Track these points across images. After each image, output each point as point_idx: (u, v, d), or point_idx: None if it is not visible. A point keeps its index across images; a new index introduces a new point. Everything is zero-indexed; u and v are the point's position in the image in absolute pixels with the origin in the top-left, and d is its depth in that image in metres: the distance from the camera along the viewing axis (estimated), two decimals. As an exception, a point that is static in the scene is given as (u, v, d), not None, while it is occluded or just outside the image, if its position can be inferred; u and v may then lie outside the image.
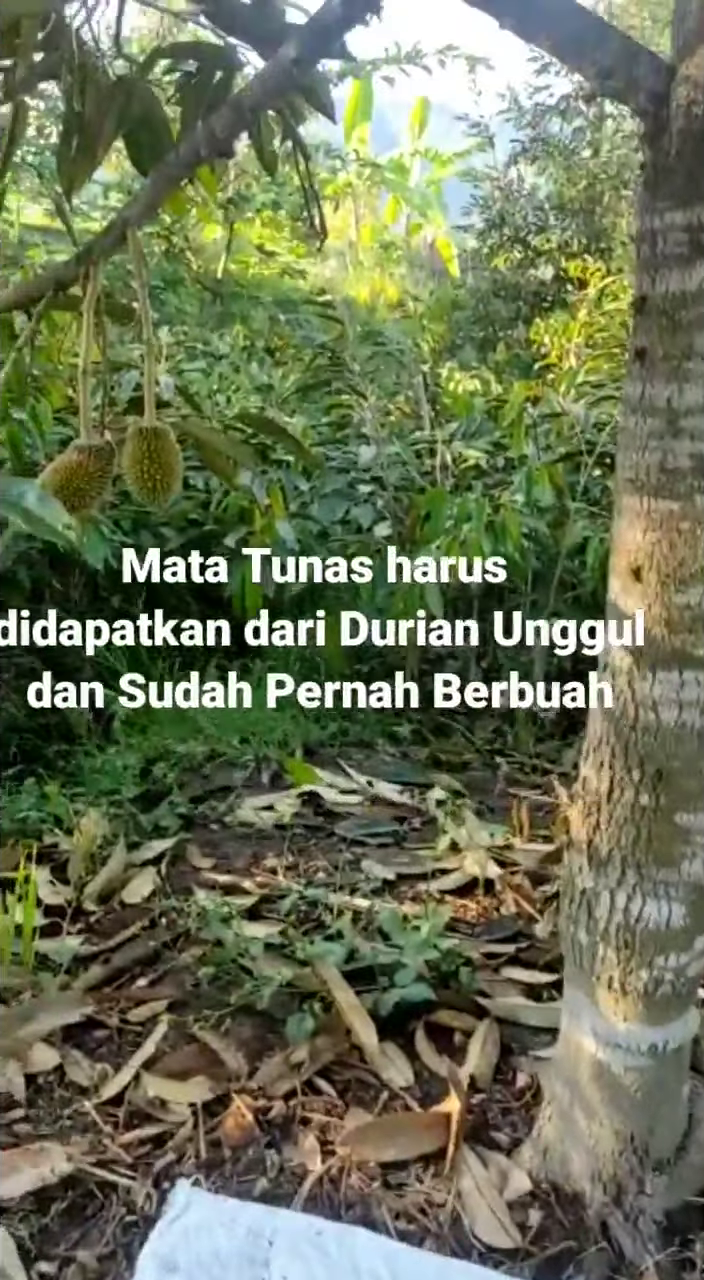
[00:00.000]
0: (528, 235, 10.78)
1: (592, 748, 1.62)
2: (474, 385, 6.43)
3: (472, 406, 5.54)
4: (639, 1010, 1.59)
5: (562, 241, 10.43)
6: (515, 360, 9.75)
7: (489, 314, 10.95)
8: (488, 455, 4.97)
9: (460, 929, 2.37)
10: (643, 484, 1.49)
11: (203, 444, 1.97)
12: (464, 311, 11.29)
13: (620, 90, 1.37)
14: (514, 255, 10.94)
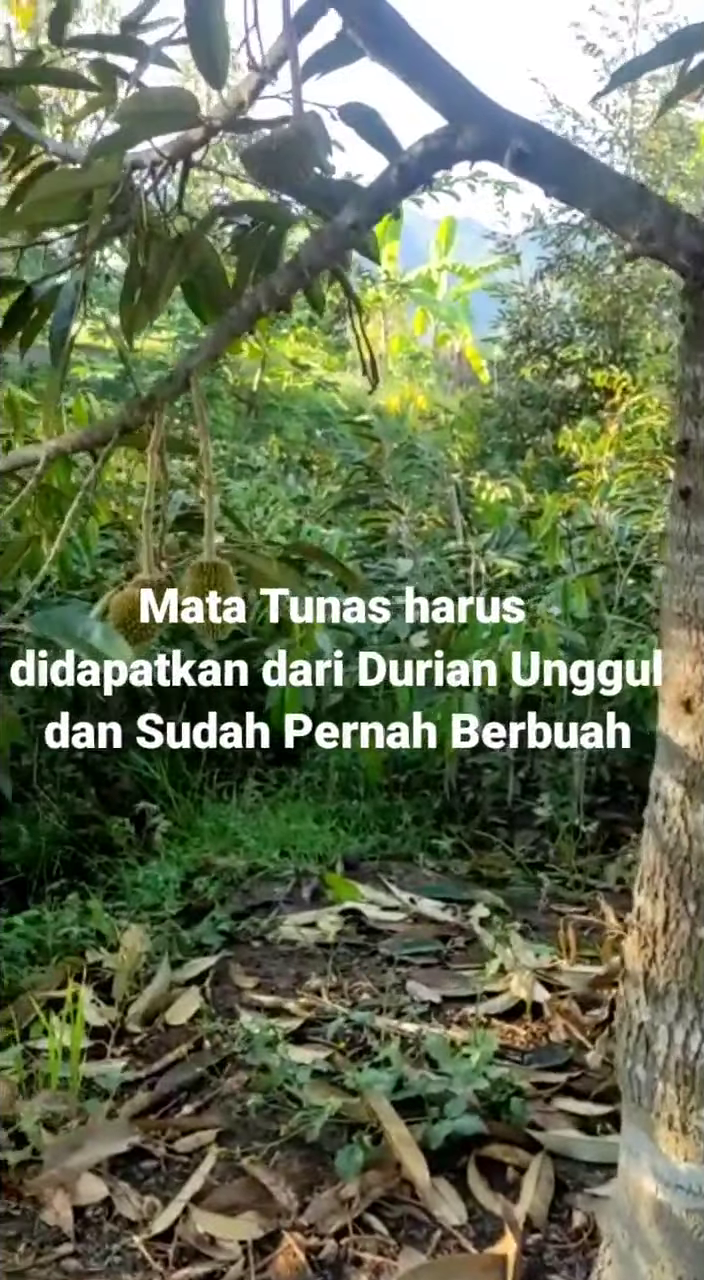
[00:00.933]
0: (554, 347, 11.07)
1: (646, 877, 1.62)
2: (505, 493, 6.56)
3: (504, 516, 5.64)
4: (700, 1150, 1.55)
5: (588, 353, 10.70)
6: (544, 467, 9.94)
7: (517, 422, 11.19)
8: (522, 565, 5.05)
9: (509, 1056, 2.33)
10: (690, 618, 1.52)
11: (256, 573, 2.03)
12: (493, 419, 11.55)
13: (661, 250, 1.45)
14: (541, 366, 11.22)
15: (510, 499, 6.27)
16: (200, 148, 1.84)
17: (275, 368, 11.23)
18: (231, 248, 2.13)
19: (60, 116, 2.10)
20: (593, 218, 1.47)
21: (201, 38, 1.49)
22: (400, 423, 12.20)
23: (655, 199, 1.47)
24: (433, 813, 4.15)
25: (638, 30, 10.57)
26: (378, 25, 1.30)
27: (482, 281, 15.95)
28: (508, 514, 5.64)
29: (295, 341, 11.28)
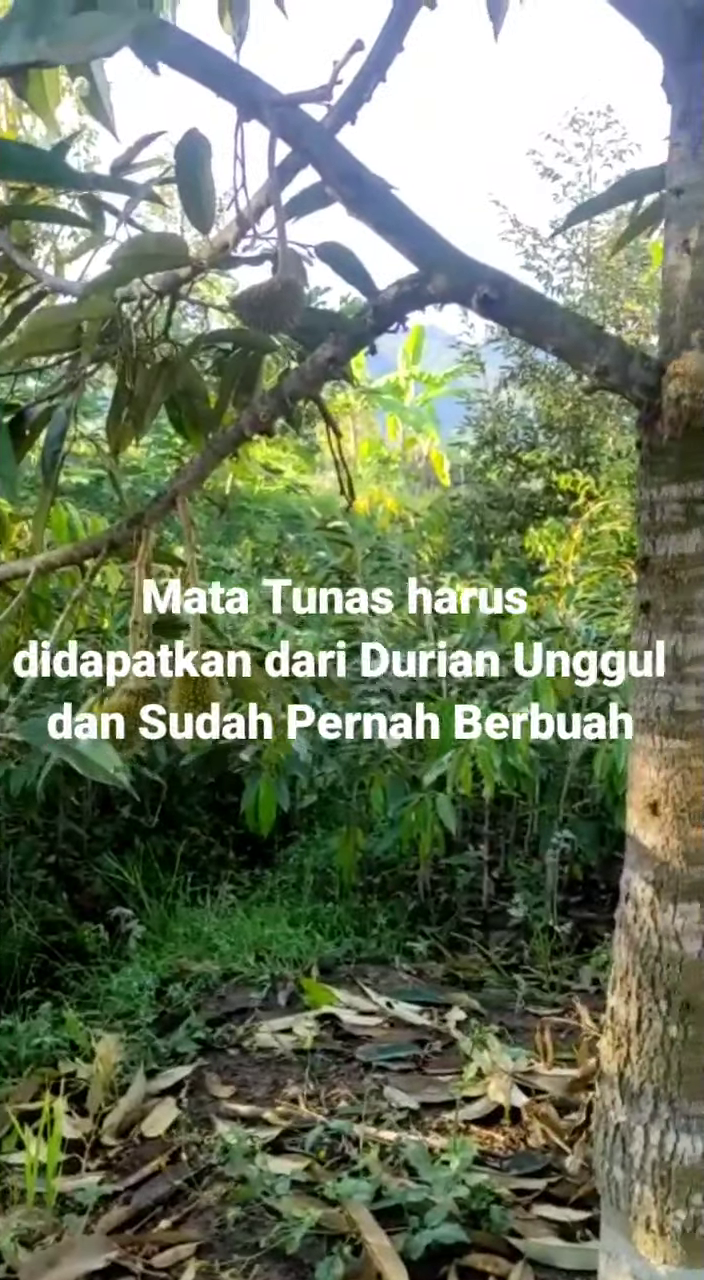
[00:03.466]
0: (519, 451, 11.39)
1: (618, 978, 1.66)
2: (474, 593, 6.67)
3: (473, 616, 5.75)
4: (679, 1252, 1.57)
5: (551, 457, 11.01)
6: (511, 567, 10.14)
7: (484, 523, 11.43)
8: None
9: (489, 1162, 2.32)
10: (654, 724, 1.60)
11: (236, 677, 2.10)
12: (461, 520, 11.80)
13: (617, 385, 1.56)
14: (506, 469, 11.52)
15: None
16: (186, 283, 1.97)
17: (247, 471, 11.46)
18: (213, 370, 2.25)
19: (52, 241, 2.21)
20: (554, 354, 1.59)
21: (191, 191, 1.62)
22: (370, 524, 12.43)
23: (612, 339, 1.60)
24: (407, 914, 4.15)
25: (592, 156, 11.17)
26: (355, 186, 1.42)
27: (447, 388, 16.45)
28: (477, 615, 5.75)
29: (267, 446, 11.53)
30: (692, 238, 1.50)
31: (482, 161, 68.37)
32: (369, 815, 4.40)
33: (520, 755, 4.00)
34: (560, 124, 11.11)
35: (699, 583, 1.54)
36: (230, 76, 1.36)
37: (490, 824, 4.60)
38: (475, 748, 3.96)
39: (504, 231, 10.93)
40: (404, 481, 18.74)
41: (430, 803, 3.97)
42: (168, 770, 4.48)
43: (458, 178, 65.46)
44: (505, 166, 14.11)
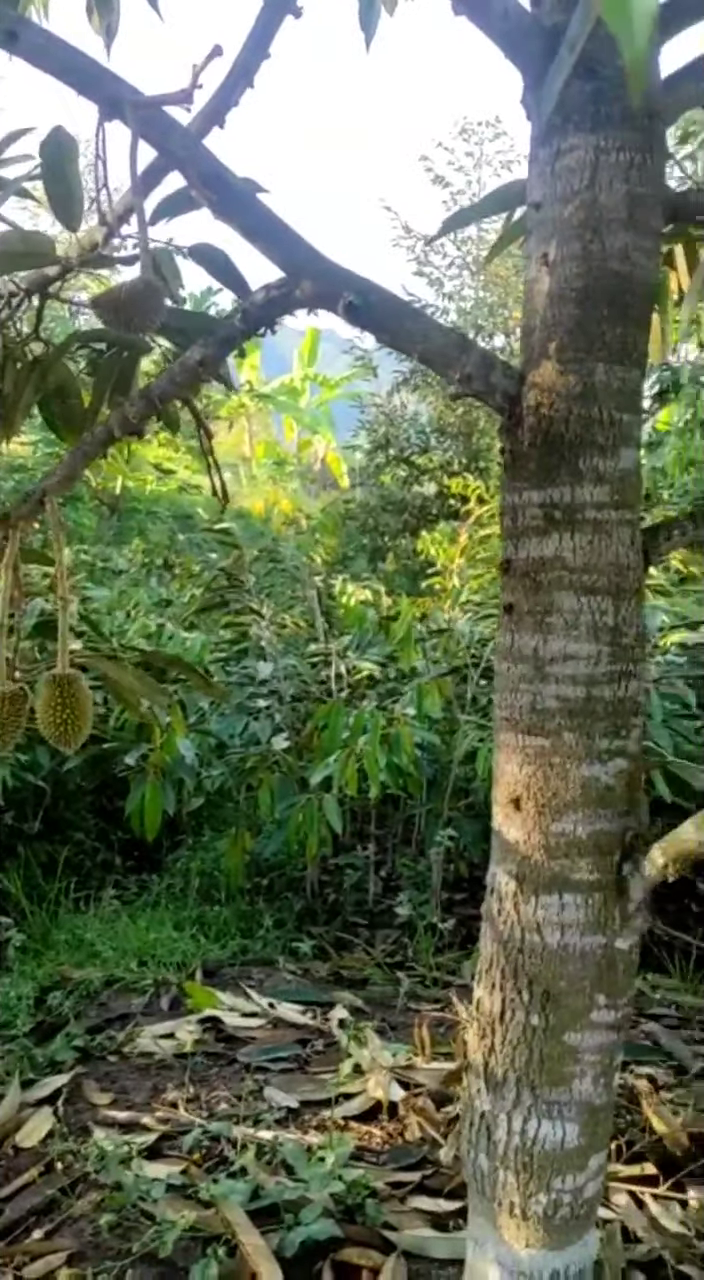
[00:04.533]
0: (412, 455, 11.52)
1: (484, 969, 1.70)
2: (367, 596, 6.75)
3: (364, 618, 5.81)
4: (540, 1235, 1.61)
5: (443, 461, 11.17)
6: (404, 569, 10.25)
7: (378, 526, 11.53)
8: (381, 667, 5.20)
9: (366, 1157, 2.34)
10: (517, 722, 1.64)
11: (112, 681, 2.08)
12: (355, 522, 11.88)
13: (480, 392, 1.61)
14: (399, 473, 11.64)
15: (371, 601, 6.47)
16: (56, 282, 1.94)
17: (139, 471, 11.33)
18: (87, 370, 2.23)
19: None
20: (420, 361, 1.62)
21: (57, 189, 1.60)
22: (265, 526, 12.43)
23: (476, 347, 1.64)
24: (294, 915, 4.17)
25: (482, 165, 11.38)
26: (219, 190, 1.43)
27: (342, 391, 16.54)
28: (368, 616, 5.82)
29: (158, 446, 11.41)
30: (550, 251, 1.55)
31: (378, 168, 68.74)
32: (257, 817, 4.40)
33: (405, 755, 4.05)
34: (451, 133, 11.29)
35: (558, 585, 1.59)
36: (91, 75, 1.36)
37: (378, 824, 4.65)
38: (362, 748, 4.00)
39: (396, 237, 11.04)
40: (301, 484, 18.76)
41: (317, 804, 3.99)
42: (51, 775, 4.41)
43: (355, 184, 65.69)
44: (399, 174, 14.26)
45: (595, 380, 1.53)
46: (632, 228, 1.51)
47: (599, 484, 1.56)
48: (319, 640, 5.56)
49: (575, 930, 1.61)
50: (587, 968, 1.61)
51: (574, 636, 1.59)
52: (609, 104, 1.48)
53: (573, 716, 1.59)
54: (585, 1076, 1.62)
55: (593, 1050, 1.62)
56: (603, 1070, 1.63)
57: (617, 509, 1.57)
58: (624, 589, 1.59)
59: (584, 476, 1.55)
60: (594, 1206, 1.67)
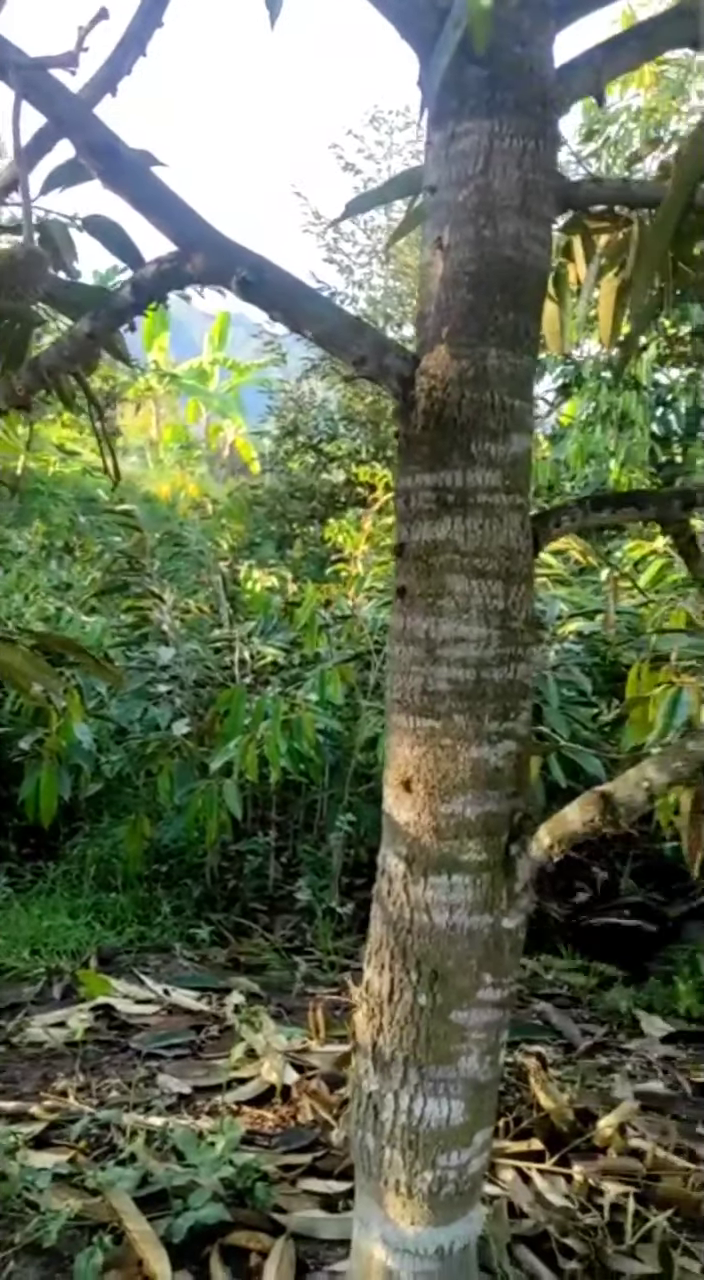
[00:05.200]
0: (320, 442, 11.50)
1: (373, 951, 1.71)
2: (273, 582, 6.73)
3: (269, 604, 5.79)
4: (425, 1212, 1.63)
5: (351, 449, 11.18)
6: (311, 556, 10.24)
7: (286, 512, 11.49)
8: (285, 653, 5.18)
9: (258, 1141, 2.34)
10: (409, 704, 1.65)
11: (2, 664, 2.03)
12: (263, 508, 11.82)
13: (374, 374, 1.60)
14: (308, 460, 11.62)
15: (277, 587, 6.45)
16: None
17: (42, 453, 11.07)
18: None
19: None
20: (314, 341, 1.61)
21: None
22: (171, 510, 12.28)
23: (370, 330, 1.63)
24: (193, 902, 4.14)
25: (392, 154, 11.39)
26: (109, 160, 1.40)
27: (252, 376, 16.43)
28: (273, 602, 5.80)
29: (62, 427, 11.17)
30: (444, 236, 1.55)
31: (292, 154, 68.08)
32: (157, 803, 4.35)
33: (307, 741, 4.05)
34: (362, 121, 11.28)
35: (450, 568, 1.60)
36: (-28, 32, 1.31)
37: (280, 810, 4.64)
38: (263, 734, 3.98)
39: (307, 223, 11.00)
40: (209, 468, 18.58)
41: (217, 790, 3.97)
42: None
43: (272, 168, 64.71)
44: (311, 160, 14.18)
45: (488, 365, 1.54)
46: (524, 215, 1.52)
47: (491, 469, 1.57)
48: (223, 625, 5.52)
49: (463, 910, 1.63)
50: (474, 947, 1.63)
51: (465, 620, 1.60)
52: (503, 91, 1.49)
53: (463, 699, 1.61)
54: (471, 1054, 1.64)
55: (479, 1028, 1.65)
56: (489, 1048, 1.66)
57: (508, 494, 1.59)
58: (514, 573, 1.61)
59: (476, 461, 1.57)
60: (478, 1182, 1.70)
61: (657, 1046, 3.03)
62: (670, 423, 8.00)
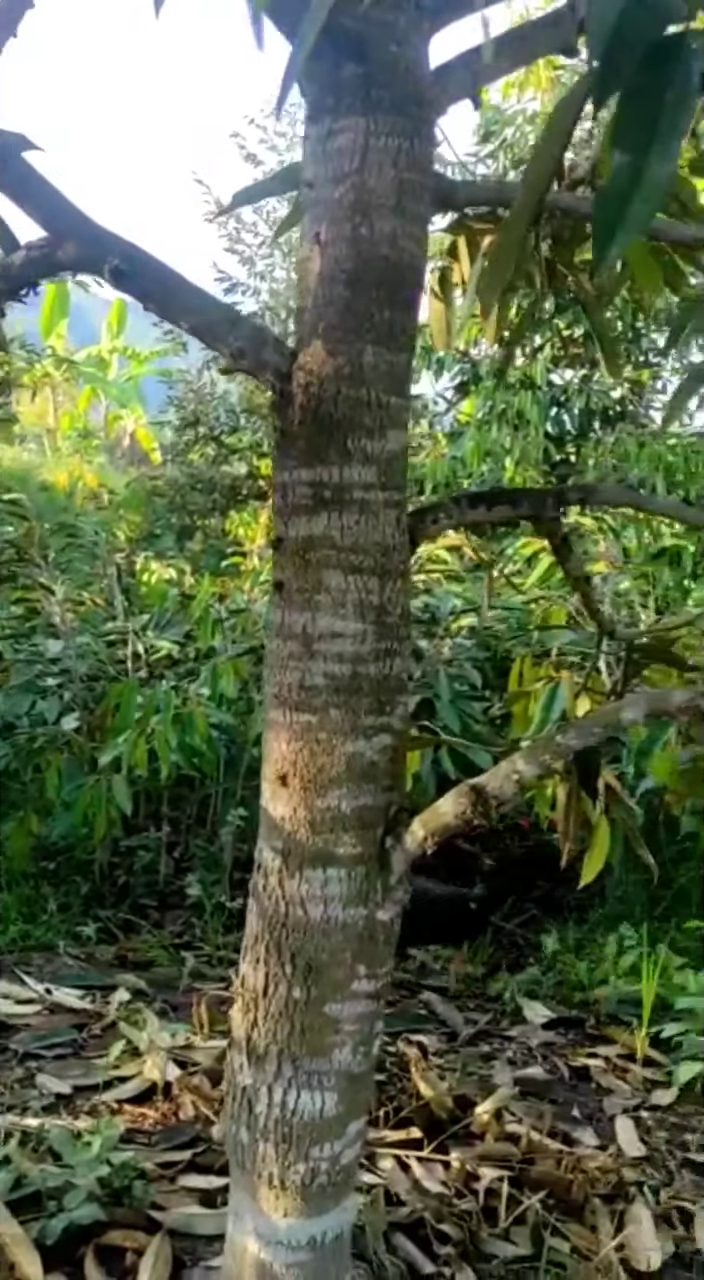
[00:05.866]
0: (221, 434, 11.40)
1: (249, 945, 1.71)
2: (171, 574, 6.66)
3: (165, 596, 5.73)
4: (298, 1204, 1.64)
5: (253, 441, 11.11)
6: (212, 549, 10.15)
7: (186, 504, 11.35)
8: (180, 646, 5.14)
9: (138, 1139, 2.32)
10: (286, 699, 1.65)
11: None
12: (163, 500, 11.67)
13: (251, 368, 1.60)
14: (209, 452, 11.51)
15: (175, 580, 6.38)
16: None
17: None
18: None
19: None
20: (189, 333, 1.59)
21: None
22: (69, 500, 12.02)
23: (248, 322, 1.63)
24: (82, 899, 4.07)
25: (294, 146, 11.34)
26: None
27: (152, 366, 16.19)
28: (169, 595, 5.74)
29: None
30: (321, 231, 1.55)
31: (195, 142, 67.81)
32: (44, 799, 4.27)
33: (199, 735, 4.02)
34: (263, 110, 11.22)
35: (327, 563, 1.60)
36: None
37: (173, 805, 4.59)
38: (153, 727, 3.94)
39: (208, 213, 10.89)
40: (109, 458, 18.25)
41: (106, 785, 3.91)
42: None
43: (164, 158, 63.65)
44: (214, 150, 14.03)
45: (364, 362, 1.55)
46: (400, 214, 1.54)
47: (367, 465, 1.58)
48: (117, 618, 5.44)
49: (338, 904, 1.64)
50: (348, 940, 1.64)
51: (341, 614, 1.61)
52: (379, 89, 1.49)
53: (339, 693, 1.62)
54: (345, 1046, 1.66)
55: (353, 1020, 1.66)
56: (362, 1039, 1.67)
57: (384, 490, 1.60)
58: (390, 569, 1.63)
59: (352, 457, 1.57)
60: (352, 1172, 1.71)
61: (538, 1033, 3.10)
62: (565, 423, 8.17)
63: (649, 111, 0.80)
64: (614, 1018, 3.23)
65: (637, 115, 0.81)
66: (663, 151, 0.80)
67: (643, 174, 0.82)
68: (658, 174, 0.81)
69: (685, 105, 0.80)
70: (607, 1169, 2.27)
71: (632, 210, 0.82)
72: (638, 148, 0.81)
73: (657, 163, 0.81)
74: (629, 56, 0.76)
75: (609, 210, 0.84)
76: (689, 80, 0.79)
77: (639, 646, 2.10)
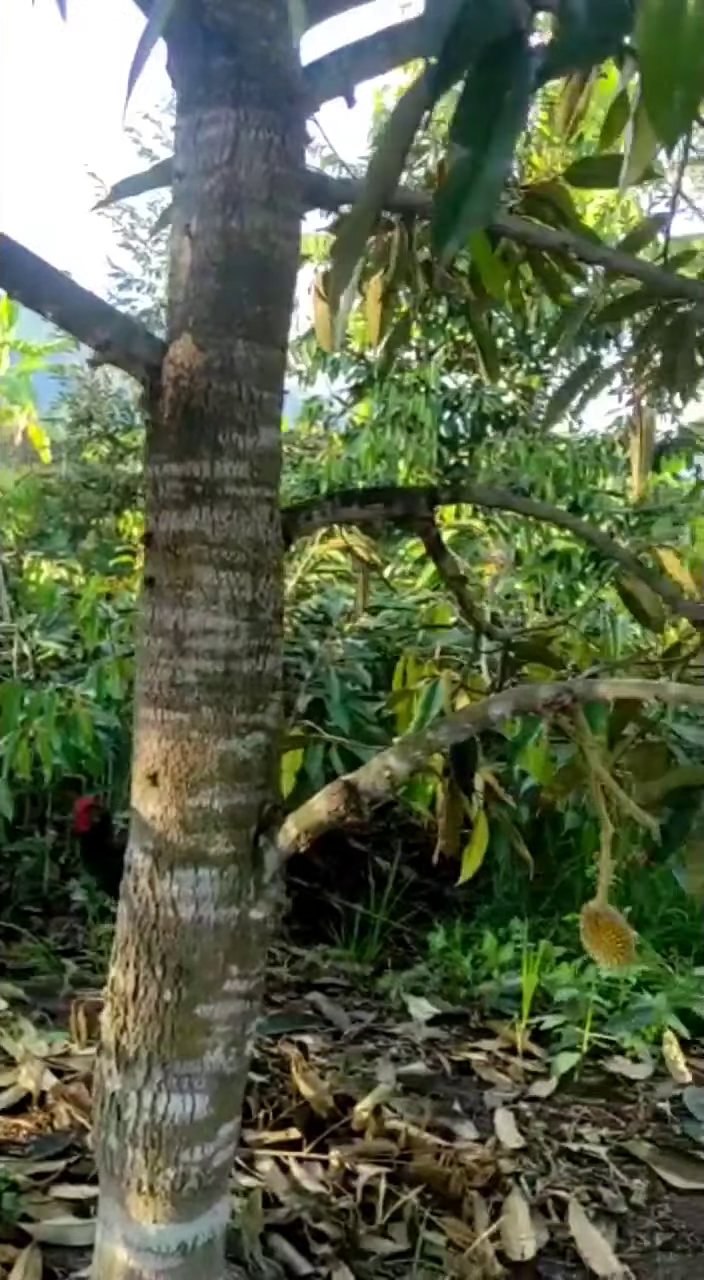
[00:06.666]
0: (116, 432, 11.23)
1: (119, 948, 1.68)
2: (61, 574, 6.53)
3: (54, 597, 5.62)
4: (168, 1209, 1.62)
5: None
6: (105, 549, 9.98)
7: (80, 503, 11.15)
8: (67, 647, 5.04)
9: (11, 1151, 2.26)
10: (157, 697, 1.62)
11: None
12: (56, 498, 11.44)
13: (121, 360, 1.57)
14: (103, 450, 11.33)
15: (66, 579, 6.26)
16: None
17: None
18: None
19: None
20: (56, 323, 1.56)
21: None
22: (-44, 497, 11.67)
23: (118, 314, 1.60)
24: (-40, 908, 3.96)
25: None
26: None
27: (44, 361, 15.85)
28: (58, 595, 5.63)
29: None
30: (192, 223, 1.54)
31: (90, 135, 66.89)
32: None
33: (83, 737, 3.95)
34: (158, 106, 11.10)
35: (198, 559, 1.58)
36: None
37: (59, 808, 4.50)
38: (36, 729, 3.85)
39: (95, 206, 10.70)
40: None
41: (-14, 788, 3.81)
42: None
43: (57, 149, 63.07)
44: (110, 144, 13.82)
45: (235, 357, 1.54)
46: (272, 208, 1.53)
47: (239, 460, 1.57)
48: (4, 619, 5.32)
49: (210, 903, 1.62)
50: (220, 940, 1.63)
51: (214, 611, 1.59)
52: (250, 81, 1.49)
53: (211, 691, 1.60)
54: (217, 1047, 1.64)
55: (225, 1021, 1.64)
56: (235, 1039, 1.66)
57: (256, 485, 1.59)
58: (263, 565, 1.62)
59: (224, 452, 1.56)
60: (224, 1175, 1.70)
61: (423, 1029, 3.13)
62: (458, 426, 8.28)
63: (488, 110, 0.81)
64: (498, 1012, 3.28)
65: (476, 113, 0.82)
66: (500, 149, 0.81)
67: (481, 171, 0.83)
68: (495, 171, 0.82)
69: (522, 104, 0.81)
70: (484, 1161, 2.30)
71: (468, 207, 0.83)
72: (477, 145, 0.82)
73: (494, 160, 0.82)
74: (466, 55, 0.77)
75: (447, 207, 0.84)
76: (526, 79, 0.80)
77: (515, 645, 2.13)
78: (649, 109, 0.81)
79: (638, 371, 2.24)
